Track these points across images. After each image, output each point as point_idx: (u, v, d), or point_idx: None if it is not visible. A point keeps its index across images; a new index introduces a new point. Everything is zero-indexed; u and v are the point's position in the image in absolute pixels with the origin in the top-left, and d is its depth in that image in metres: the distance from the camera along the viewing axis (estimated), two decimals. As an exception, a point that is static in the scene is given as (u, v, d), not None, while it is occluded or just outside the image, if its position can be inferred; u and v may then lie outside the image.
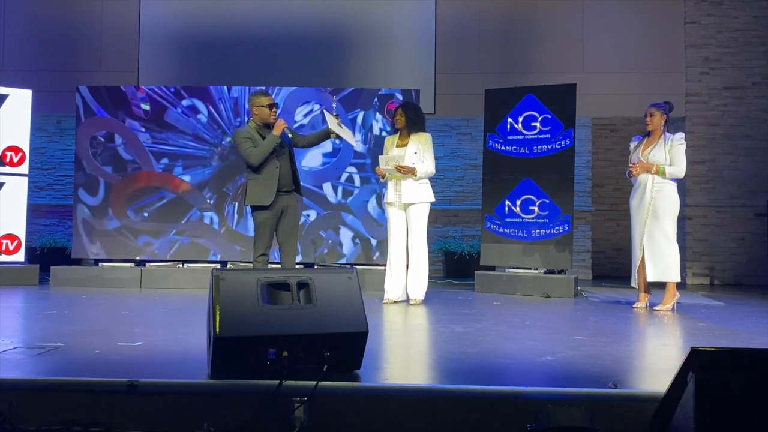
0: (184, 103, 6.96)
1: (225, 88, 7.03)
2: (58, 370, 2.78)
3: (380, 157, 5.35)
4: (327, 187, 6.95)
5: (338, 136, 5.16)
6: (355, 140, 5.50)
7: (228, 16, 8.42)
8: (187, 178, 6.94)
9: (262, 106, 4.87)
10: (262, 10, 8.43)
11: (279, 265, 5.15)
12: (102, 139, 6.93)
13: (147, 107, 6.94)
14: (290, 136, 5.03)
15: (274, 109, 4.89)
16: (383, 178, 5.33)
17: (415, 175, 5.17)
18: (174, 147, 6.95)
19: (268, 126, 4.87)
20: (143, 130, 6.94)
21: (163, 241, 6.86)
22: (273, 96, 5.46)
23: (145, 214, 6.88)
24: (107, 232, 6.87)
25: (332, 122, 5.08)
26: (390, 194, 5.32)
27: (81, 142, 6.95)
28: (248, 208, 5.43)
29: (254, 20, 8.42)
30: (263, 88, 6.38)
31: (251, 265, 5.02)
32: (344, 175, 6.94)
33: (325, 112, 5.36)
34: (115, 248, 6.86)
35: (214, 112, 6.98)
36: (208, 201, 6.92)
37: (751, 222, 8.23)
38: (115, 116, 6.94)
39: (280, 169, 4.84)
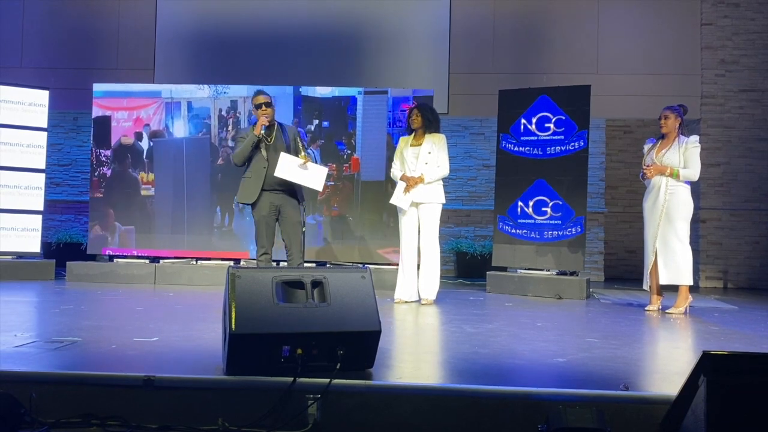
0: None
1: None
2: (77, 364, 2.83)
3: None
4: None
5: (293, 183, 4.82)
6: (320, 183, 4.93)
7: (244, 15, 8.48)
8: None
9: (253, 106, 4.96)
10: (277, 10, 8.48)
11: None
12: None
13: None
14: (291, 138, 5.01)
15: (262, 108, 4.86)
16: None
17: (424, 182, 5.18)
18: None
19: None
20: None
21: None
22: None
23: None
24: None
25: (286, 165, 4.75)
26: (397, 197, 5.25)
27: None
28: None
29: (270, 19, 8.47)
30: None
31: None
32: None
33: (282, 154, 4.84)
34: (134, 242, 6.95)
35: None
36: None
37: (766, 225, 8.17)
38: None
39: (269, 168, 4.86)
